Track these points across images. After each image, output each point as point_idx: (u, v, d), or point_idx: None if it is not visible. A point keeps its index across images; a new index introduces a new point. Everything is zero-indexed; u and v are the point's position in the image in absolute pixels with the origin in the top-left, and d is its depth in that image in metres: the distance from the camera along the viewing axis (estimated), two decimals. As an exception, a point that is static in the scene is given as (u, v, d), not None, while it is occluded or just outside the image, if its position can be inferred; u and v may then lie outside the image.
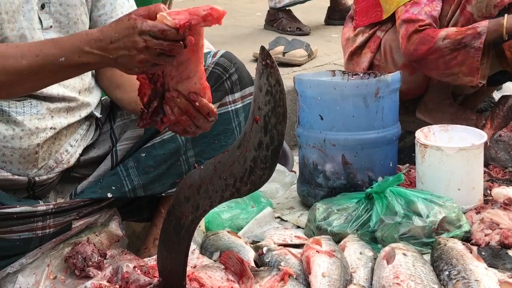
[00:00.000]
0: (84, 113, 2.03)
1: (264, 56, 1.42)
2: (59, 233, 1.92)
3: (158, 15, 1.51)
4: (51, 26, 1.90)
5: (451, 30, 2.73)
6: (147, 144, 2.05)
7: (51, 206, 1.87)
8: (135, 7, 2.05)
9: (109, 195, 1.96)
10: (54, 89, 1.92)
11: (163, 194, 2.03)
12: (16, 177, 1.91)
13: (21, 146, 1.88)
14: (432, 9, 2.78)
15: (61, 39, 1.66)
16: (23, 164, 1.91)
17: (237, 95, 2.08)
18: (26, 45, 1.68)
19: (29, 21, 1.84)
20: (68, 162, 2.01)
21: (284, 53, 3.82)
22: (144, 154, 2.03)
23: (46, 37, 1.89)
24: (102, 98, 2.15)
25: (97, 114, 2.10)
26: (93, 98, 2.07)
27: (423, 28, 2.74)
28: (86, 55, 1.59)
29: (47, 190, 2.02)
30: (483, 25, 2.69)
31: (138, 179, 2.00)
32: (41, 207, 1.85)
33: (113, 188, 1.97)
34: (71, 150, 2.01)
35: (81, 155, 2.05)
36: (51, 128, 1.93)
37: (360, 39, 3.04)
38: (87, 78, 2.04)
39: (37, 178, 1.96)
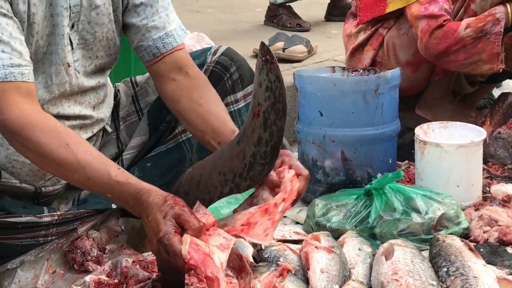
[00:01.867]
0: (96, 129, 2.03)
1: (264, 52, 1.42)
2: (62, 237, 1.92)
3: (183, 236, 1.51)
4: (77, 44, 1.89)
5: (470, 19, 2.76)
6: (152, 152, 2.04)
7: (56, 217, 1.87)
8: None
9: (114, 206, 1.96)
10: (71, 109, 1.92)
11: None
12: (23, 185, 1.91)
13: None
14: (449, 6, 2.80)
15: (113, 178, 1.61)
16: (31, 176, 1.92)
17: (239, 94, 2.08)
18: (84, 156, 1.62)
19: (56, 45, 1.84)
20: None
21: (284, 49, 3.81)
22: (149, 164, 2.02)
23: (75, 58, 1.89)
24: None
25: (109, 128, 2.10)
26: (106, 110, 2.05)
27: (445, 23, 2.75)
28: (127, 206, 1.63)
29: (51, 199, 2.02)
30: (500, 11, 2.71)
31: None
32: (46, 218, 1.86)
33: None
34: None
35: None
36: None
37: (362, 36, 3.04)
38: (102, 92, 2.03)
39: (43, 189, 1.96)
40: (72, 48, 1.87)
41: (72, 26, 1.85)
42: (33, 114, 1.65)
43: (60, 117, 1.88)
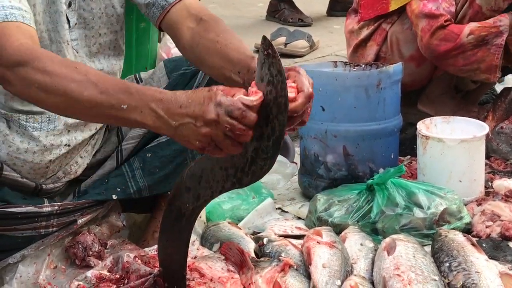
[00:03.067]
0: (99, 124, 2.01)
1: (265, 46, 1.41)
2: (62, 229, 1.92)
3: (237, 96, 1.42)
4: (75, 24, 1.87)
5: (473, 25, 2.74)
6: (153, 142, 2.03)
7: (56, 208, 1.86)
8: None
9: (114, 196, 1.95)
10: None
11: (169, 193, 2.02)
12: (24, 180, 1.91)
13: (33, 160, 1.88)
14: (449, 4, 2.78)
15: (131, 85, 1.53)
16: (32, 174, 1.91)
17: None
18: (95, 75, 1.54)
19: (54, 23, 1.82)
20: (76, 172, 2.01)
21: (285, 44, 3.81)
22: (150, 154, 2.01)
23: (72, 37, 1.87)
24: None
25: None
26: None
27: (447, 24, 2.74)
28: (149, 112, 1.47)
29: (52, 196, 2.02)
30: (504, 23, 2.70)
31: (144, 180, 1.98)
32: (46, 208, 1.85)
33: (118, 189, 1.95)
34: (80, 162, 2.01)
35: None
36: (65, 145, 1.92)
37: (365, 32, 3.03)
38: None
39: (44, 186, 1.95)
40: (69, 27, 1.86)
41: (70, 5, 1.85)
42: (37, 47, 1.60)
43: None
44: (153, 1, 1.89)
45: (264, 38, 1.42)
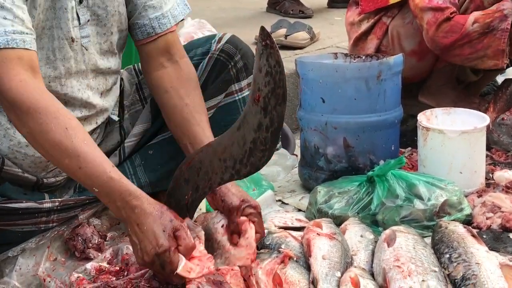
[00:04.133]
0: (101, 119, 2.00)
1: (264, 37, 1.41)
2: (63, 224, 1.91)
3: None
4: (88, 21, 1.86)
5: (477, 13, 2.72)
6: (154, 140, 2.03)
7: (57, 203, 1.86)
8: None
9: None
10: (80, 92, 1.90)
11: None
12: (25, 174, 1.91)
13: (34, 154, 1.87)
14: None
15: (109, 173, 1.59)
16: (33, 168, 1.91)
17: (243, 82, 2.06)
18: (81, 145, 1.59)
19: (58, 19, 1.80)
20: None
21: (286, 36, 3.80)
22: (151, 152, 2.01)
23: (83, 34, 1.86)
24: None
25: (114, 117, 2.08)
26: (111, 99, 2.03)
27: (452, 16, 2.72)
28: (114, 207, 1.60)
29: (53, 190, 2.02)
30: (508, 7, 2.68)
31: (145, 177, 1.98)
32: (47, 204, 1.84)
33: None
34: None
35: None
36: None
37: (366, 25, 3.02)
38: (111, 79, 2.01)
39: (45, 180, 1.95)
40: (80, 24, 1.85)
41: (81, 1, 1.83)
42: (35, 89, 1.61)
43: (65, 103, 1.84)
44: (141, 24, 1.93)
45: (263, 28, 1.42)
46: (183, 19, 2.00)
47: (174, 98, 1.89)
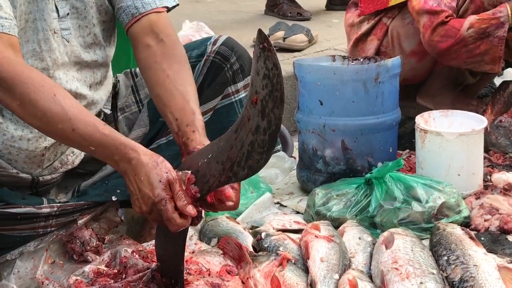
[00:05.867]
0: (92, 112, 2.00)
1: (261, 39, 1.40)
2: (61, 229, 1.91)
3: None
4: (67, 14, 1.87)
5: (473, 18, 2.71)
6: (153, 144, 2.03)
7: (55, 209, 1.86)
8: None
9: (114, 198, 1.94)
10: (68, 84, 1.90)
11: None
12: (20, 174, 1.90)
13: (28, 148, 1.87)
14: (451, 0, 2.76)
15: (102, 129, 1.61)
16: (28, 164, 1.90)
17: (239, 84, 2.06)
18: (70, 108, 1.61)
19: (40, 11, 1.81)
20: (73, 163, 2.00)
21: (284, 38, 3.79)
22: None
23: (62, 26, 1.87)
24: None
25: (107, 110, 2.08)
26: (102, 93, 2.03)
27: (448, 19, 2.72)
28: (112, 162, 1.62)
29: (49, 188, 2.02)
30: (504, 14, 2.68)
31: None
32: (45, 209, 1.84)
33: (118, 191, 1.94)
34: (77, 152, 2.00)
35: None
36: None
37: (366, 26, 3.02)
38: (99, 72, 2.01)
39: (40, 178, 1.95)
40: (59, 16, 1.86)
41: None
42: (18, 64, 1.63)
43: None
44: (124, 7, 1.90)
45: (260, 31, 1.41)
46: (171, 9, 1.95)
47: (157, 73, 1.84)
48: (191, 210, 1.58)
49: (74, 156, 2.00)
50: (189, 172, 1.61)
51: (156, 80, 1.84)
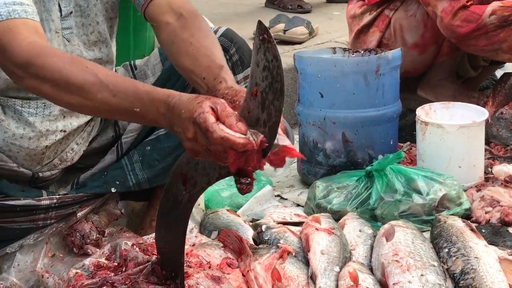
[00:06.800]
0: None
1: (261, 31, 1.39)
2: (61, 221, 1.91)
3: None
4: (71, 12, 1.86)
5: (496, 5, 2.69)
6: (152, 135, 2.02)
7: (54, 201, 1.86)
8: None
9: (113, 189, 1.94)
10: None
11: None
12: (21, 169, 1.90)
13: (29, 146, 1.87)
14: None
15: (141, 88, 1.51)
16: (28, 161, 1.90)
17: (239, 76, 2.05)
18: (105, 76, 1.53)
19: (48, 12, 1.80)
20: (72, 160, 2.00)
21: (285, 31, 3.79)
22: (149, 147, 2.00)
23: (64, 26, 1.86)
24: None
25: None
26: None
27: (469, 4, 2.70)
28: (160, 116, 1.47)
29: (49, 184, 2.01)
30: None
31: (143, 173, 1.97)
32: (45, 201, 1.84)
33: (117, 182, 1.94)
34: (76, 148, 1.99)
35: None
36: (61, 130, 1.91)
37: (368, 17, 3.01)
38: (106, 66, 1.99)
39: (40, 174, 1.95)
40: (61, 15, 1.84)
41: None
42: (45, 46, 1.58)
43: None
44: None
45: (260, 23, 1.40)
46: None
47: (179, 44, 1.76)
48: (241, 126, 1.39)
49: (73, 153, 1.99)
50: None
51: (179, 51, 1.76)
